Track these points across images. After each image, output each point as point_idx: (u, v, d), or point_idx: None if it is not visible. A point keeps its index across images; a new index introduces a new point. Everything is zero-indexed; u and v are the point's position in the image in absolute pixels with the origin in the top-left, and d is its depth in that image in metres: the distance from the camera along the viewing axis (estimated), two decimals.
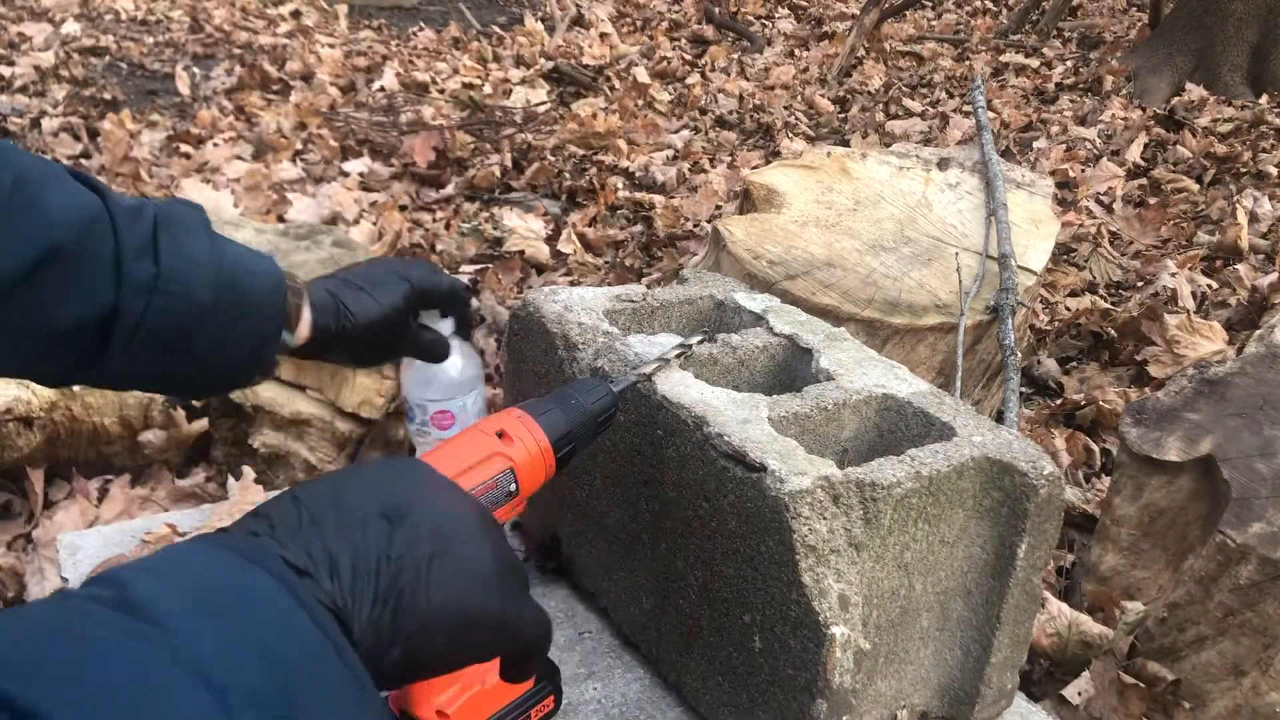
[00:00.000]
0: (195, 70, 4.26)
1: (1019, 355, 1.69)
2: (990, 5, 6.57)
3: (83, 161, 3.19)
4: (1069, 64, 5.11)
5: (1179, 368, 2.04)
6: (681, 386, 0.91)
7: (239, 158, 3.22)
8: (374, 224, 2.72)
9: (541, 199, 3.15)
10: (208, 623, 0.42)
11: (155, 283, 0.72)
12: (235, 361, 0.81)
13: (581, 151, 3.47)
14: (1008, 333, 1.65)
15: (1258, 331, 1.65)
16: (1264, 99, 4.33)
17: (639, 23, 5.89)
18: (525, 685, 0.74)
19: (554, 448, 0.74)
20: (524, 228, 2.78)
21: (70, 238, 0.69)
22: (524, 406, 0.77)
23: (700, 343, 0.97)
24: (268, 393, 1.61)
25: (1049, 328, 2.36)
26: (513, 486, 0.72)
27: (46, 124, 3.43)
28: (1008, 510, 0.87)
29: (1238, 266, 2.64)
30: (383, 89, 4.22)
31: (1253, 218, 2.96)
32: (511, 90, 4.31)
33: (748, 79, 4.77)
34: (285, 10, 5.43)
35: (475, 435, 0.73)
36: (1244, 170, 3.46)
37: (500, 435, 0.73)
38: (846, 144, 3.72)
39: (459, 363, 1.06)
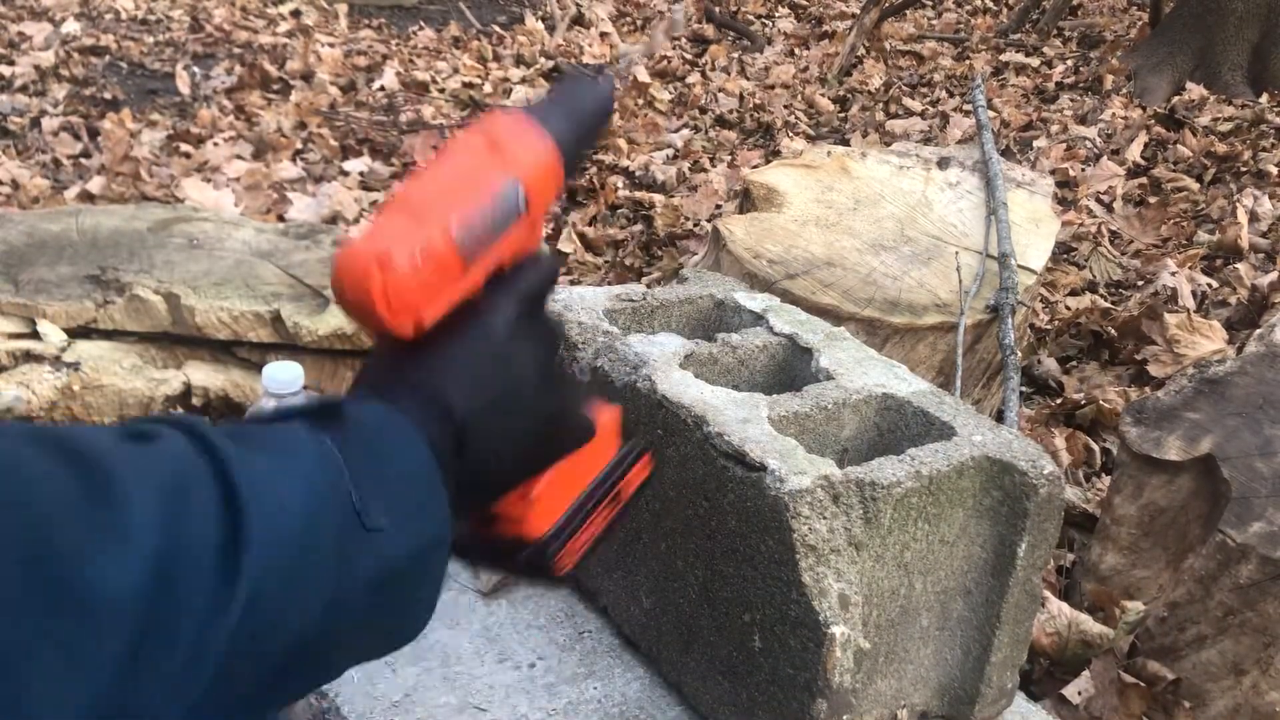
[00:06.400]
0: (195, 69, 4.26)
1: (1019, 354, 1.69)
2: (990, 4, 6.56)
3: (83, 160, 3.19)
4: (1069, 63, 5.10)
5: (1179, 367, 2.04)
6: (681, 386, 0.91)
7: (239, 157, 3.22)
8: None
9: None
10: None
11: None
12: None
13: None
14: (1008, 332, 1.65)
15: (1258, 331, 1.65)
16: (1264, 98, 4.33)
17: (639, 22, 5.88)
18: (609, 452, 0.63)
19: (559, 148, 0.61)
20: None
21: None
22: (509, 113, 0.65)
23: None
24: None
25: (1049, 327, 2.36)
26: (520, 200, 0.58)
27: (46, 123, 3.42)
28: (1008, 509, 0.87)
29: (1238, 265, 2.64)
30: (383, 88, 4.21)
31: (1253, 217, 2.96)
32: (512, 89, 4.30)
33: (748, 78, 4.76)
34: (285, 9, 5.43)
35: (460, 150, 0.60)
36: (1244, 169, 3.46)
37: (491, 146, 0.59)
38: (847, 143, 3.71)
39: None
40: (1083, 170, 3.50)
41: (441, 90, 4.29)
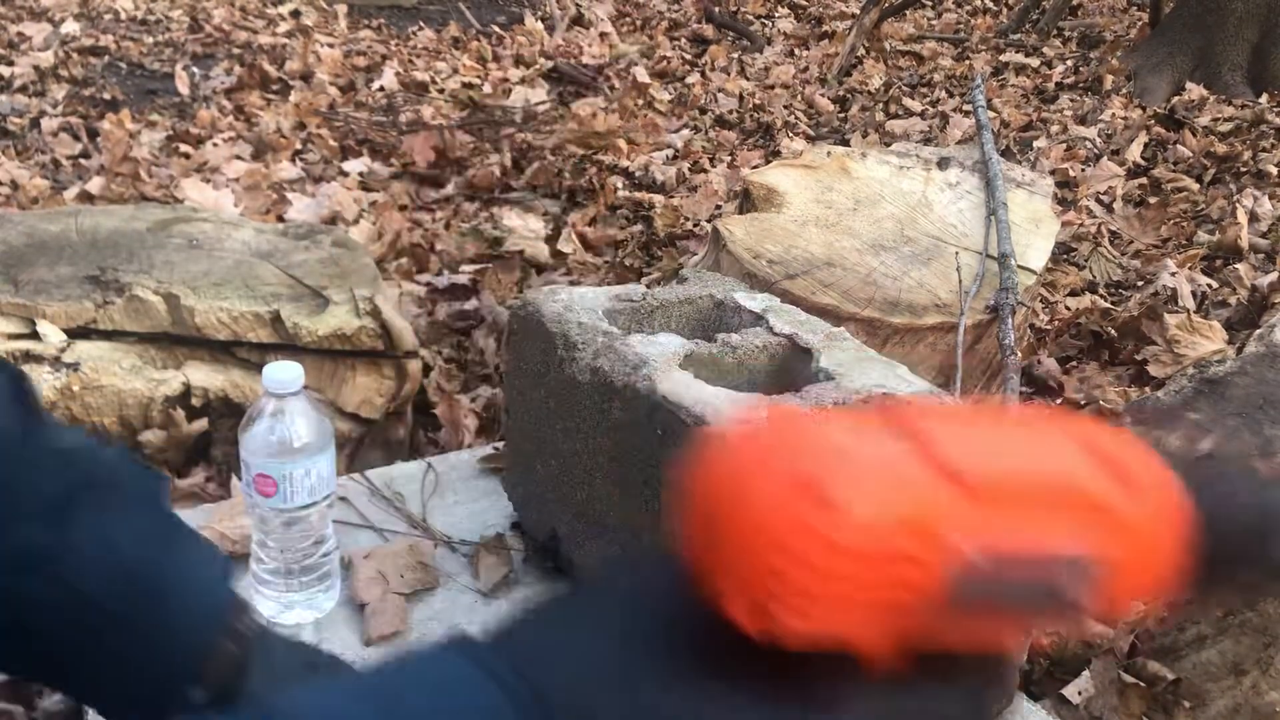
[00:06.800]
0: (195, 70, 4.26)
1: (1019, 355, 1.69)
2: (990, 4, 6.56)
3: (82, 161, 3.19)
4: (1069, 63, 5.10)
5: (1179, 367, 2.04)
6: (681, 386, 0.91)
7: (239, 157, 3.22)
8: (373, 224, 2.72)
9: (541, 199, 3.15)
10: None
11: (39, 560, 0.54)
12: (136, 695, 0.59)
13: (581, 151, 3.47)
14: (1008, 332, 1.64)
15: (1258, 331, 1.65)
16: (1264, 98, 4.33)
17: (639, 22, 5.88)
18: None
19: (1196, 525, 0.35)
20: (524, 227, 2.78)
21: None
22: (1139, 432, 0.39)
23: None
24: None
25: (1049, 327, 2.36)
26: (1080, 590, 0.33)
27: (46, 124, 3.43)
28: None
29: (1238, 266, 2.64)
30: (382, 88, 4.21)
31: (1253, 217, 2.96)
32: (511, 90, 4.30)
33: (748, 78, 4.76)
34: (284, 10, 5.43)
35: (1053, 440, 0.35)
36: (1244, 169, 3.46)
37: (1106, 473, 0.34)
38: (846, 143, 3.72)
39: (295, 425, 1.01)
40: (1083, 170, 3.50)
41: (441, 90, 4.29)
